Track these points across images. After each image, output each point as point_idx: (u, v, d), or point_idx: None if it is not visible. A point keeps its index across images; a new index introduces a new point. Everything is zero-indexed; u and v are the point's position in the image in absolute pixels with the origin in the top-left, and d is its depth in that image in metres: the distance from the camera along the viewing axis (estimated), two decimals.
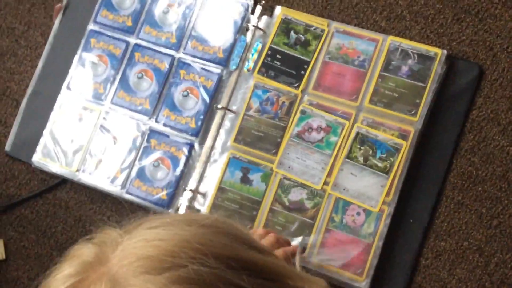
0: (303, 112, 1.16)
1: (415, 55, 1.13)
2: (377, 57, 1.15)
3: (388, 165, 1.10)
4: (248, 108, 1.19)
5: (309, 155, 1.14)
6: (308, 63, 1.18)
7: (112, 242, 0.56)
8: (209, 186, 1.18)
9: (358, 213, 1.11)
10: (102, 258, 0.55)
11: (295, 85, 1.18)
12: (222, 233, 0.58)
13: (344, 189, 1.11)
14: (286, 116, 1.17)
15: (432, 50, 1.13)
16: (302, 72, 1.18)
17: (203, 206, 1.18)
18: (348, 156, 1.12)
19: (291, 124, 1.16)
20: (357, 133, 1.13)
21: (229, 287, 0.53)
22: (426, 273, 1.10)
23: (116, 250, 0.55)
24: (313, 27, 1.19)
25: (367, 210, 1.10)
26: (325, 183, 1.12)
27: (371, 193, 1.10)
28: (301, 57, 1.19)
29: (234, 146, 1.18)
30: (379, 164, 1.10)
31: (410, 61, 1.14)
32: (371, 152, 1.11)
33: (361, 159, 1.11)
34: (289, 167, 1.14)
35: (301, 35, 1.19)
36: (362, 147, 1.12)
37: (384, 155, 1.10)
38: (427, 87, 1.12)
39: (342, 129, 1.14)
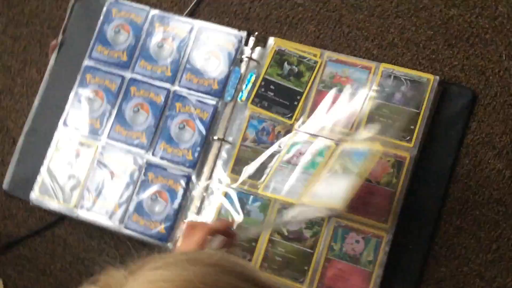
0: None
1: (408, 82, 1.14)
2: (371, 84, 1.16)
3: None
4: (244, 138, 1.19)
5: (293, 175, 1.14)
6: (301, 94, 1.19)
7: (117, 285, 0.56)
8: (208, 218, 1.18)
9: (358, 241, 1.10)
10: None
11: (288, 115, 1.18)
12: (227, 271, 0.57)
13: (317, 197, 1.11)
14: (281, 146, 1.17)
15: (425, 76, 1.14)
16: (295, 103, 1.18)
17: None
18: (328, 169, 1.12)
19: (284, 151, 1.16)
20: (342, 150, 1.13)
21: None
22: None
23: None
24: (306, 59, 1.20)
25: (366, 238, 1.10)
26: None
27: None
28: (295, 88, 1.20)
29: (232, 177, 1.18)
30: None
31: (403, 88, 1.14)
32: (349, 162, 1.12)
33: (340, 170, 1.11)
34: (274, 189, 1.15)
35: (294, 67, 1.20)
36: (342, 159, 1.12)
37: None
38: (421, 113, 1.12)
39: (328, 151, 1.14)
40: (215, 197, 1.19)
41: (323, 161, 1.13)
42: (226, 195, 1.18)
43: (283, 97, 1.19)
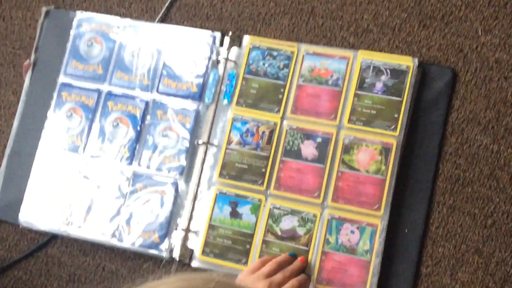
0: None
1: (388, 71, 1.14)
2: (350, 74, 1.16)
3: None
4: (229, 141, 1.19)
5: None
6: (284, 86, 1.18)
7: None
8: (200, 223, 1.17)
9: (352, 232, 1.10)
10: None
11: (276, 109, 1.18)
12: None
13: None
14: (268, 145, 1.17)
15: (404, 61, 1.13)
16: (280, 96, 1.18)
17: (196, 245, 1.16)
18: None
19: (279, 147, 1.16)
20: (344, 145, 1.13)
21: None
22: (428, 281, 1.09)
23: None
24: (282, 51, 1.19)
25: (361, 227, 1.10)
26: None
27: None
28: (276, 81, 1.19)
29: (220, 181, 1.18)
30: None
31: (383, 77, 1.14)
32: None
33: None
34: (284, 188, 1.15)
35: (272, 61, 1.20)
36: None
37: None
38: (403, 101, 1.12)
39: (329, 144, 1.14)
40: (205, 202, 1.18)
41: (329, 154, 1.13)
42: (216, 200, 1.17)
43: (266, 92, 1.19)
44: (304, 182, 1.14)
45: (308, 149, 1.15)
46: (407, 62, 1.13)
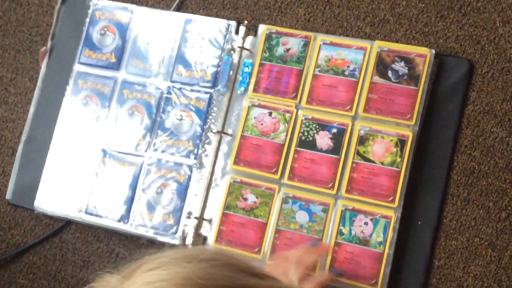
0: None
1: (404, 62, 1.13)
2: (367, 65, 1.15)
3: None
4: (245, 129, 1.18)
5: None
6: (301, 72, 1.18)
7: None
8: (213, 211, 1.17)
9: (366, 223, 1.10)
10: None
11: (292, 95, 1.17)
12: (222, 265, 0.57)
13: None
14: (283, 133, 1.17)
15: (420, 51, 1.12)
16: (297, 83, 1.18)
17: (210, 232, 1.17)
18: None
19: (294, 137, 1.16)
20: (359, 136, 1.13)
21: None
22: (441, 274, 1.09)
23: None
24: (299, 35, 1.19)
25: (374, 219, 1.10)
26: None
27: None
28: (293, 67, 1.18)
29: (234, 169, 1.18)
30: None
31: (400, 68, 1.13)
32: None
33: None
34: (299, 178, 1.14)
35: (288, 46, 1.19)
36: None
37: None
38: (419, 90, 1.11)
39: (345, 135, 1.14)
40: (219, 190, 1.18)
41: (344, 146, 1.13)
42: (230, 186, 1.17)
43: (283, 78, 1.18)
44: (318, 173, 1.14)
45: (323, 140, 1.15)
46: (424, 53, 1.12)
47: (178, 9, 1.29)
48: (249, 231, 1.15)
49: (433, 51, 1.12)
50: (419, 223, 1.10)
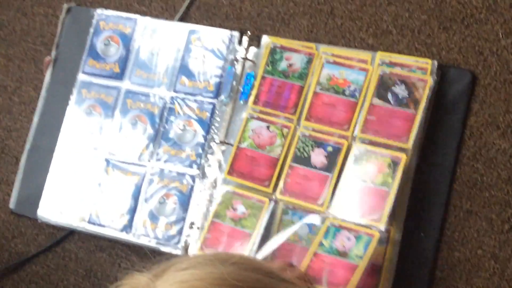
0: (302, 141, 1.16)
1: (405, 83, 1.12)
2: (368, 87, 1.14)
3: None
4: (242, 140, 1.18)
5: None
6: (302, 88, 1.18)
7: (145, 287, 0.55)
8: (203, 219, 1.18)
9: (349, 238, 1.09)
10: None
11: (291, 111, 1.17)
12: (251, 269, 0.58)
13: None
14: (279, 147, 1.17)
15: (423, 63, 1.12)
16: (297, 98, 1.18)
17: (196, 239, 1.17)
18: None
19: (289, 152, 1.15)
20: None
21: None
22: (443, 286, 1.09)
23: None
24: (303, 52, 1.19)
25: (357, 236, 1.08)
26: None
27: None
28: (295, 83, 1.18)
29: (228, 179, 1.18)
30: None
31: (400, 89, 1.13)
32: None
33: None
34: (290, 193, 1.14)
35: (291, 61, 1.19)
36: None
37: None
38: (418, 114, 1.11)
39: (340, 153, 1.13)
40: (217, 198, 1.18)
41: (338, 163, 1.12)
42: (222, 196, 1.17)
43: (284, 93, 1.19)
44: (309, 190, 1.13)
45: (318, 157, 1.14)
46: (426, 64, 1.12)
47: (182, 19, 1.29)
48: (233, 241, 1.14)
49: (436, 63, 1.12)
50: (422, 234, 1.10)
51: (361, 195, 1.10)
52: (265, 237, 1.12)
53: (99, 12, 1.31)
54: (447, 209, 1.10)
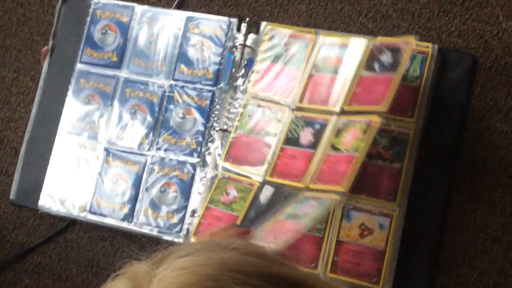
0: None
1: (392, 49, 1.11)
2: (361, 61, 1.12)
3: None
4: (238, 126, 1.18)
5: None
6: (299, 72, 1.17)
7: (145, 275, 0.55)
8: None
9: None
10: None
11: (288, 95, 1.16)
12: (253, 254, 0.58)
13: None
14: (274, 132, 1.16)
15: (423, 47, 1.12)
16: (293, 83, 1.17)
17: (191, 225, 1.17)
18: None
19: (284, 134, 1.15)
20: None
21: None
22: (446, 269, 1.09)
23: (152, 282, 0.54)
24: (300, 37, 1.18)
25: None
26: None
27: None
28: (292, 67, 1.18)
29: (225, 166, 1.17)
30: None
31: (387, 57, 1.11)
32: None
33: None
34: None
35: (290, 46, 1.18)
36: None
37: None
38: (421, 86, 1.10)
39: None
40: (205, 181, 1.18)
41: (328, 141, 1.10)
42: (218, 181, 1.17)
43: (282, 78, 1.18)
44: (295, 168, 1.12)
45: (306, 136, 1.13)
46: (427, 48, 1.12)
47: (179, 6, 1.28)
48: (224, 225, 1.14)
49: (436, 46, 1.11)
50: (424, 219, 1.10)
51: (330, 164, 1.07)
52: (254, 219, 1.12)
53: (96, 0, 1.30)
54: (450, 193, 1.10)
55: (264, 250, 0.60)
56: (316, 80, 1.15)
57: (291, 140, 1.14)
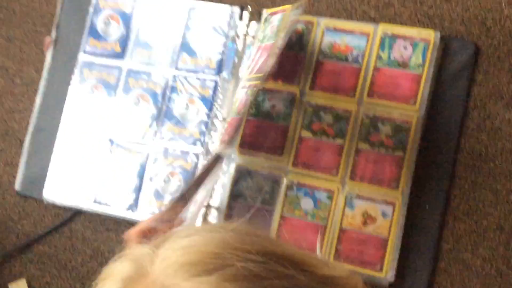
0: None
1: (408, 46, 1.12)
2: (370, 50, 1.14)
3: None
4: (249, 112, 1.18)
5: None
6: (304, 56, 1.17)
7: (146, 256, 0.56)
8: (220, 199, 1.18)
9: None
10: (142, 271, 0.54)
11: (295, 80, 1.16)
12: (253, 234, 0.58)
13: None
14: (288, 116, 1.16)
15: (425, 34, 1.12)
16: (299, 68, 1.17)
17: (219, 220, 1.17)
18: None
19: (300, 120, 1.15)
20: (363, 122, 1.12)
21: (278, 278, 0.53)
22: (449, 257, 1.09)
23: (154, 262, 0.55)
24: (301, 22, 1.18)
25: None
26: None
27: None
28: (297, 52, 1.18)
29: (241, 156, 1.18)
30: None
31: (404, 52, 1.12)
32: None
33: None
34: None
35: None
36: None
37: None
38: (423, 73, 1.10)
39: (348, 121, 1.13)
40: (226, 177, 1.18)
41: (349, 129, 1.11)
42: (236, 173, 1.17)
43: (286, 64, 1.18)
44: (322, 160, 1.13)
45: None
46: (429, 36, 1.11)
47: None
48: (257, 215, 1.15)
49: (439, 34, 1.11)
50: (427, 207, 1.10)
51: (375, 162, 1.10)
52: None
53: None
54: (452, 181, 1.10)
55: (262, 231, 0.60)
56: (325, 68, 1.16)
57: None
